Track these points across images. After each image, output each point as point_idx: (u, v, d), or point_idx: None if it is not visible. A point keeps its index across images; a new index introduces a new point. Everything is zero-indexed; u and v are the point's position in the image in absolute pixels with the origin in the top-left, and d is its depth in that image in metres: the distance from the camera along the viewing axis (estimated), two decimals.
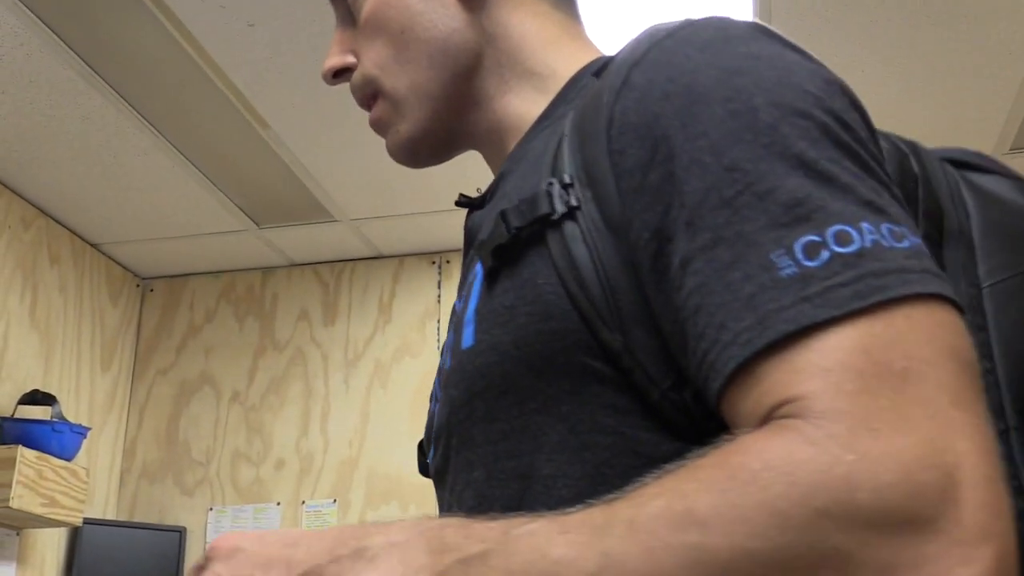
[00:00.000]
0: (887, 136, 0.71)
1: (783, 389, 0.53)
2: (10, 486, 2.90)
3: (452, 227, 3.54)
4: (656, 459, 0.60)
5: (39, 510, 3.00)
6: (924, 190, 0.69)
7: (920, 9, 2.46)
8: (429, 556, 0.55)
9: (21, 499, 2.93)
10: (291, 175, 3.21)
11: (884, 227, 0.56)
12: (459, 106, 0.87)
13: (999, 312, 0.66)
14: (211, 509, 3.66)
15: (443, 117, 0.87)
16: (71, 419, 3.38)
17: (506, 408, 0.68)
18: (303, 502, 3.58)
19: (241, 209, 3.45)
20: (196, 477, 3.72)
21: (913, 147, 0.72)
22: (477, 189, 0.87)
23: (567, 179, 0.68)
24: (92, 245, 3.69)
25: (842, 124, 0.61)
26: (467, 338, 0.72)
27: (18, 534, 3.24)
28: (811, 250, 0.55)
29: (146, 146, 3.04)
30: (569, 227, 0.66)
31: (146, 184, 3.26)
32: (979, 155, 0.76)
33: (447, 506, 0.75)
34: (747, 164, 0.58)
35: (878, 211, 0.57)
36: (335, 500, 3.55)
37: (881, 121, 0.68)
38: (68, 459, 3.15)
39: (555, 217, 0.67)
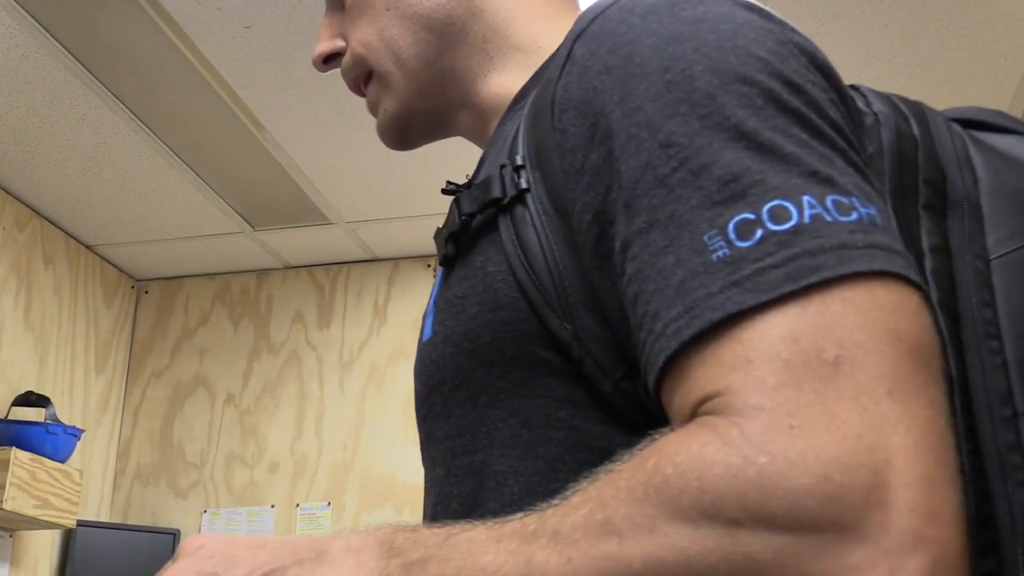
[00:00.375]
0: (888, 98, 0.66)
1: (707, 384, 0.49)
2: (3, 488, 2.89)
3: None
4: (610, 453, 0.57)
5: (32, 512, 2.99)
6: (925, 154, 0.63)
7: (916, 14, 2.46)
8: (378, 560, 0.55)
9: (14, 501, 2.92)
10: (286, 177, 3.21)
11: (829, 199, 0.51)
12: (443, 84, 0.84)
13: (1008, 286, 0.59)
14: (205, 512, 3.65)
15: (428, 95, 0.84)
16: (65, 421, 3.37)
17: (460, 402, 0.66)
18: (297, 505, 3.58)
19: (236, 211, 3.45)
20: (190, 480, 3.71)
21: (917, 108, 0.67)
22: (466, 176, 0.85)
23: (519, 160, 0.65)
24: (87, 247, 3.69)
25: (792, 88, 0.56)
26: (427, 330, 0.71)
27: (11, 536, 3.23)
28: (744, 229, 0.51)
29: (141, 148, 3.03)
30: (519, 211, 0.63)
31: (141, 186, 3.26)
32: (999, 114, 0.70)
33: (425, 504, 0.74)
34: (682, 139, 0.54)
35: (825, 181, 0.52)
36: (329, 503, 3.55)
37: None
38: (62, 461, 3.15)
39: (505, 201, 0.64)
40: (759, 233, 0.51)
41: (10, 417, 3.16)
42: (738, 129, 0.54)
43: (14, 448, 2.97)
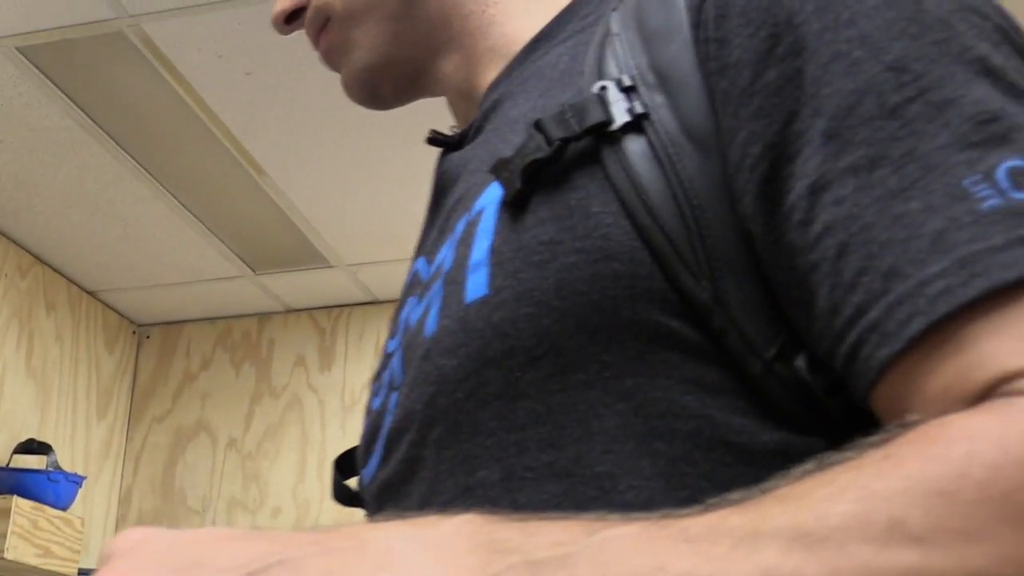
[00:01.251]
0: None
1: (1009, 358, 0.40)
2: (5, 537, 2.87)
3: None
4: (755, 453, 0.48)
5: (34, 561, 2.97)
6: None
7: None
8: (477, 555, 0.39)
9: (16, 550, 2.90)
10: (287, 221, 3.22)
11: None
12: (427, 26, 0.71)
13: None
14: None
15: (408, 41, 0.72)
16: (67, 468, 3.36)
17: (540, 380, 0.51)
18: None
19: (237, 255, 3.46)
20: (192, 526, 3.65)
21: None
22: (451, 127, 0.73)
23: (627, 81, 0.53)
24: (88, 292, 3.69)
25: (1017, 31, 0.49)
26: (475, 287, 0.54)
27: None
28: (1018, 178, 0.42)
29: (143, 193, 3.05)
30: (632, 141, 0.51)
31: (142, 231, 3.27)
32: None
33: None
34: (916, 64, 0.45)
35: None
36: None
37: None
38: (64, 508, 3.13)
39: (614, 128, 0.52)
40: None
41: (11, 465, 3.14)
42: (983, 63, 0.46)
43: (15, 496, 2.95)
